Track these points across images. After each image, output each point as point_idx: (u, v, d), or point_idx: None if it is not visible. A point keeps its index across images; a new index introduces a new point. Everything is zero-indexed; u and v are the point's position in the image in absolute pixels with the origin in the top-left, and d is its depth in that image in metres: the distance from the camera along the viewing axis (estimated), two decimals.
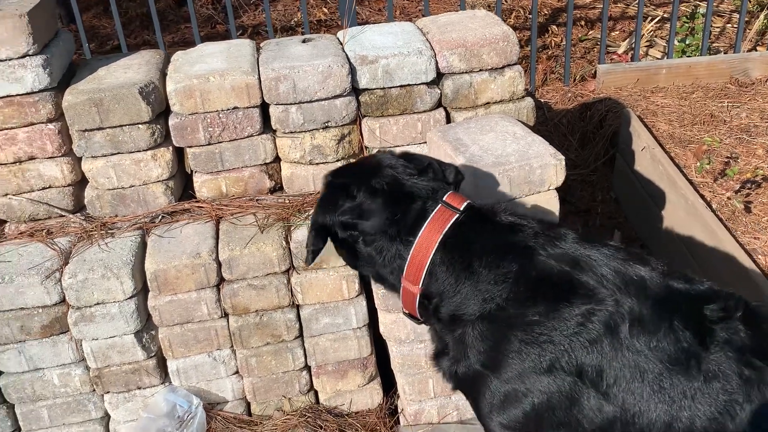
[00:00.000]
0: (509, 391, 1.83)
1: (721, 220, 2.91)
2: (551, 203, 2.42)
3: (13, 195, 2.64)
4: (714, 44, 4.57)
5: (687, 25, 4.59)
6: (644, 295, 1.75)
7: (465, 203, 1.94)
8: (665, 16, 5.00)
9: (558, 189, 2.45)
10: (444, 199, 1.93)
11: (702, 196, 3.05)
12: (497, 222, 1.92)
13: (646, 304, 1.74)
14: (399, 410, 2.77)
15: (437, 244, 1.88)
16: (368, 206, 1.94)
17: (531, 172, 2.36)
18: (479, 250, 1.87)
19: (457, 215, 1.91)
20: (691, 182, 3.13)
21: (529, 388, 1.80)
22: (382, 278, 2.06)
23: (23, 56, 2.47)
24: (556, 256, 1.82)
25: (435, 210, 1.91)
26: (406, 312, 2.06)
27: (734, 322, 1.73)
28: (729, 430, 1.69)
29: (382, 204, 1.93)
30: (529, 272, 1.81)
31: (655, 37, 4.79)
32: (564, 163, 2.39)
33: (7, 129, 2.54)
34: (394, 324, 2.52)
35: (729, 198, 3.01)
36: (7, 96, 2.50)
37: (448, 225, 1.89)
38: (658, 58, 4.49)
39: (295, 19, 5.60)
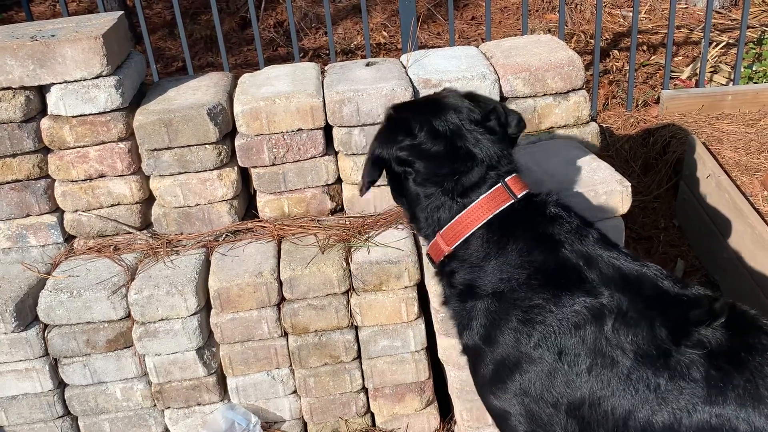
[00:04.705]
0: (499, 365, 1.95)
1: None
2: (617, 230, 2.38)
3: (83, 211, 2.71)
4: None
5: (754, 51, 4.50)
6: (636, 294, 1.86)
7: (523, 192, 2.01)
8: (730, 41, 4.92)
9: (622, 215, 2.41)
10: (506, 180, 2.00)
11: None
12: (543, 213, 2.00)
13: (635, 303, 1.84)
14: None
15: (484, 222, 1.97)
16: (427, 148, 1.99)
17: (596, 198, 2.34)
18: (518, 235, 1.96)
19: (512, 202, 1.98)
20: (758, 211, 3.05)
21: (516, 362, 1.91)
22: (417, 220, 2.11)
23: (97, 77, 2.54)
24: (576, 253, 1.93)
25: (494, 188, 1.98)
26: (429, 254, 2.15)
27: (715, 325, 1.78)
28: (684, 426, 1.75)
29: (443, 152, 1.99)
30: (550, 264, 1.92)
31: (720, 62, 4.71)
32: (630, 190, 2.36)
33: (79, 147, 2.62)
34: (453, 348, 2.49)
35: None
36: (81, 115, 2.58)
37: (501, 208, 1.97)
38: (723, 84, 4.41)
39: (355, 43, 5.66)
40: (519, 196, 1.99)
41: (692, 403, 1.74)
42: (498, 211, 1.97)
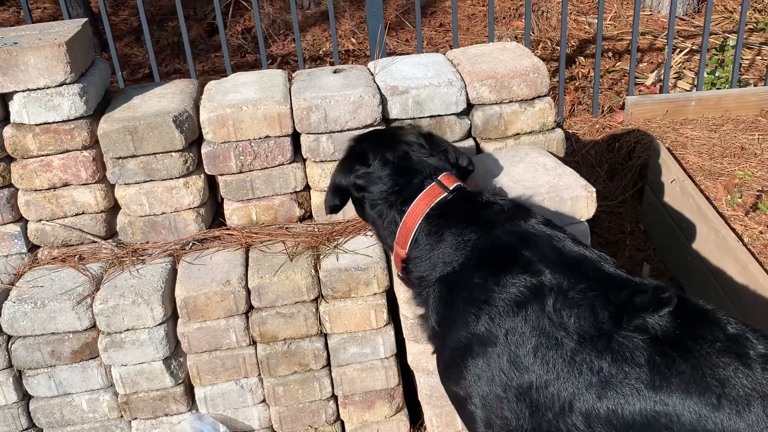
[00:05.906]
0: (454, 349, 1.99)
1: (753, 254, 2.87)
2: (583, 235, 2.41)
3: (47, 221, 2.67)
4: (744, 77, 4.56)
5: (716, 57, 4.58)
6: (576, 275, 1.89)
7: (455, 184, 2.16)
8: (694, 48, 5.00)
9: (587, 220, 2.44)
10: (438, 178, 2.16)
11: (733, 230, 3.01)
12: (475, 201, 2.13)
13: (575, 283, 1.87)
14: None
15: (423, 216, 2.11)
16: (377, 174, 2.20)
17: (561, 203, 2.36)
18: (451, 222, 2.08)
19: (446, 194, 2.13)
20: (721, 215, 3.10)
21: (467, 345, 1.94)
22: (382, 238, 2.30)
23: (60, 84, 2.51)
24: (511, 232, 2.01)
25: (429, 186, 2.14)
26: (401, 275, 2.26)
27: (661, 313, 1.80)
28: (626, 411, 1.75)
29: (389, 175, 2.19)
30: (485, 242, 2.01)
31: (684, 69, 4.78)
32: (595, 195, 2.38)
33: (42, 156, 2.59)
34: (423, 354, 2.50)
35: (761, 232, 2.98)
36: (44, 123, 2.55)
37: (436, 200, 2.12)
38: (687, 90, 4.48)
39: (324, 49, 5.66)
40: (450, 188, 2.14)
41: (636, 388, 1.74)
42: (433, 204, 2.12)
